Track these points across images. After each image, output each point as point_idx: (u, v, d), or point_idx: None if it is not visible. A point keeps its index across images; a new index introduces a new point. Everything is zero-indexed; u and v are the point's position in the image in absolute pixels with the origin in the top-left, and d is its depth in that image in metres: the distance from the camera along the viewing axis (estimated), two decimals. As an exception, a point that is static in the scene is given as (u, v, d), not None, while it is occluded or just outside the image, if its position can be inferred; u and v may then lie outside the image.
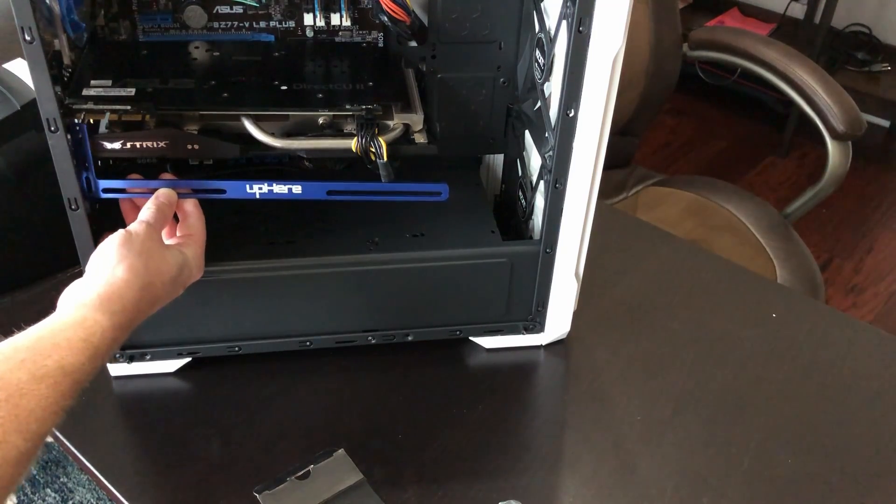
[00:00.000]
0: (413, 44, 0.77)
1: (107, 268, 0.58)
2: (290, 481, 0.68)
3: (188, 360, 0.78)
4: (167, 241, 0.66)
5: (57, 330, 0.53)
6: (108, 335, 0.55)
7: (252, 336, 0.78)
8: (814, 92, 1.28)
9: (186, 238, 0.67)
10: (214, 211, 0.80)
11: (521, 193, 0.82)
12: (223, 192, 0.68)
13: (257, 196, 0.67)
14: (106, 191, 0.67)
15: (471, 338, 0.83)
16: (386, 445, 0.73)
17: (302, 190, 0.67)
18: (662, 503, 0.70)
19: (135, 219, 0.64)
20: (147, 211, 0.65)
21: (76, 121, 0.63)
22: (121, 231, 0.61)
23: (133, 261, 0.59)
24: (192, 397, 0.77)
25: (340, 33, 0.79)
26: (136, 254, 0.59)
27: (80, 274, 0.64)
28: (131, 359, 0.77)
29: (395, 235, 0.78)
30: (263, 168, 0.85)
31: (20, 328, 0.53)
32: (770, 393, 0.80)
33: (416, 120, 0.73)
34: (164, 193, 0.67)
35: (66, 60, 0.67)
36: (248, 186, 0.67)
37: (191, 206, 0.69)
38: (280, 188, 0.67)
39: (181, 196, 0.68)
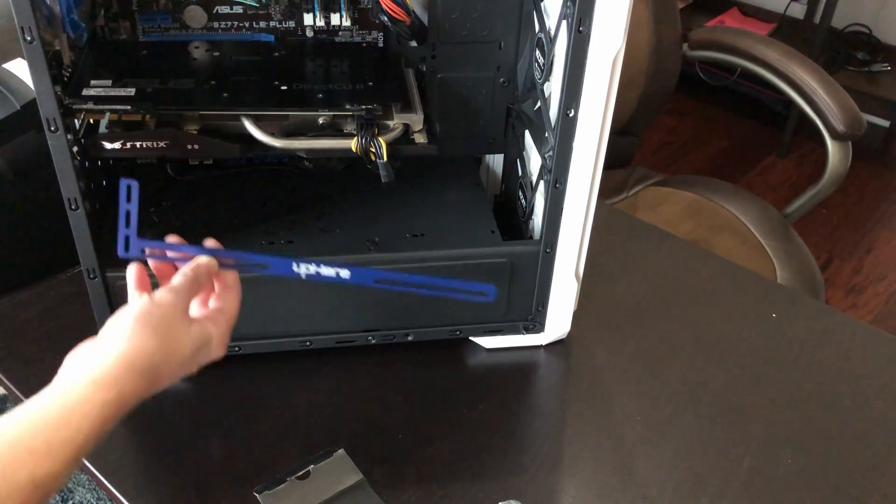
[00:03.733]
0: (413, 44, 0.77)
1: (113, 343, 0.53)
2: (290, 481, 0.68)
3: (188, 360, 0.78)
4: (197, 311, 0.61)
5: (39, 428, 0.48)
6: (95, 432, 0.50)
7: (252, 336, 0.78)
8: (814, 92, 1.28)
9: (217, 313, 0.61)
10: (214, 210, 0.80)
11: (521, 193, 0.82)
12: (267, 267, 0.62)
13: (302, 277, 0.62)
14: (145, 253, 0.60)
15: (471, 338, 0.83)
16: (386, 445, 0.73)
17: (350, 275, 0.63)
18: (662, 503, 0.70)
19: (167, 278, 0.60)
20: (180, 277, 0.58)
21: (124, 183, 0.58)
22: (144, 298, 0.56)
23: (144, 341, 0.53)
24: (192, 397, 0.77)
25: (340, 33, 0.79)
26: (152, 331, 0.54)
27: (80, 274, 0.64)
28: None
29: (395, 235, 0.78)
30: (263, 168, 0.86)
31: (22, 329, 0.52)
32: (770, 393, 0.80)
33: (416, 120, 0.73)
34: (204, 261, 0.60)
35: (66, 60, 0.67)
36: (294, 265, 0.61)
37: (231, 280, 0.62)
38: (328, 270, 0.62)
39: (223, 267, 0.62)
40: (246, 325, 0.77)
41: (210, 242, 0.62)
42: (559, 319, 0.82)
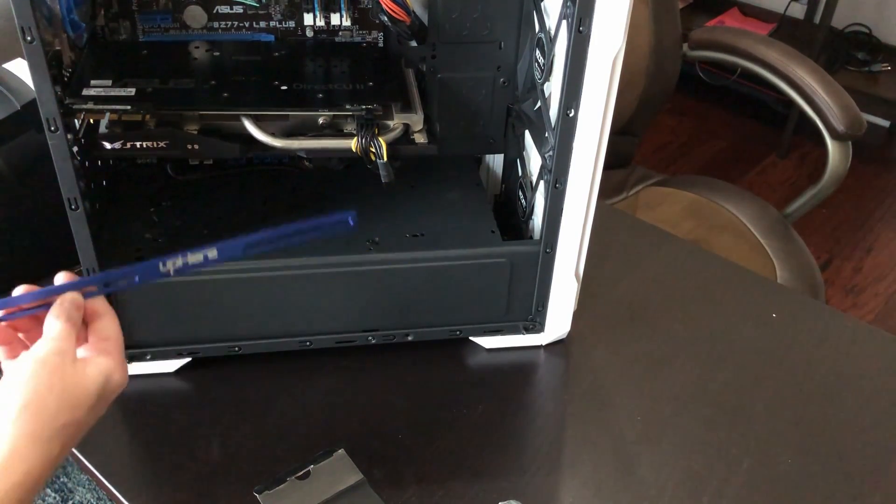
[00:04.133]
0: (413, 44, 0.77)
1: (8, 417, 0.47)
2: (290, 481, 0.68)
3: (188, 360, 0.78)
4: (82, 352, 0.54)
5: None
6: None
7: (252, 336, 0.78)
8: (814, 92, 1.28)
9: (104, 343, 0.55)
10: (214, 210, 0.80)
11: (521, 193, 0.82)
12: (133, 278, 0.57)
13: (171, 274, 0.57)
14: None
15: (471, 338, 0.83)
16: (386, 445, 0.73)
17: (217, 253, 0.58)
18: (662, 503, 0.70)
19: (33, 331, 0.53)
20: (55, 323, 0.52)
21: None
22: (25, 358, 0.50)
23: (42, 404, 0.48)
24: (192, 397, 0.77)
25: (340, 33, 0.79)
26: (47, 391, 0.49)
27: (79, 274, 0.64)
28: (131, 359, 0.77)
29: (395, 235, 0.78)
30: (263, 168, 0.86)
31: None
32: (770, 393, 0.80)
33: (416, 120, 0.73)
34: (67, 299, 0.53)
35: (66, 60, 0.67)
36: (160, 265, 0.56)
37: (101, 306, 0.56)
38: (195, 257, 0.57)
39: (87, 295, 0.55)
40: (246, 325, 0.77)
41: (61, 276, 0.56)
42: (559, 319, 0.82)
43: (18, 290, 0.54)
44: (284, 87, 0.71)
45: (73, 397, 0.50)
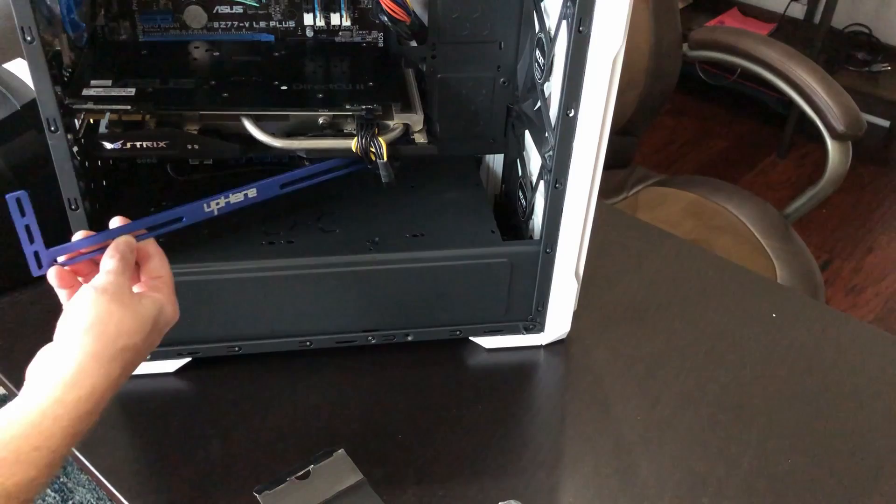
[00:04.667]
0: (413, 44, 0.77)
1: (74, 339, 0.52)
2: (290, 481, 0.68)
3: (188, 360, 0.78)
4: (136, 290, 0.59)
5: (5, 438, 0.47)
6: (70, 434, 0.49)
7: (252, 336, 0.78)
8: (814, 92, 1.28)
9: (155, 281, 0.60)
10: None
11: (521, 193, 0.82)
12: (180, 219, 0.63)
13: (215, 213, 0.63)
14: (57, 262, 0.59)
15: (471, 338, 0.83)
16: (386, 445, 0.73)
17: (257, 192, 0.64)
18: (662, 503, 0.70)
19: (92, 275, 0.58)
20: (110, 261, 0.57)
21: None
22: (86, 288, 0.54)
23: (104, 325, 0.53)
24: (192, 397, 0.77)
25: (340, 33, 0.79)
26: (114, 310, 0.53)
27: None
28: (131, 359, 0.77)
29: (395, 235, 0.78)
30: (263, 168, 0.85)
31: (22, 329, 0.52)
32: (770, 393, 0.80)
33: (416, 120, 0.73)
34: (122, 241, 0.59)
35: (66, 60, 0.67)
36: (205, 206, 0.62)
37: (152, 248, 0.61)
38: (236, 197, 0.63)
39: (138, 238, 0.61)
40: (246, 325, 0.77)
41: (116, 221, 0.61)
42: (559, 319, 0.82)
43: (77, 236, 0.59)
44: (284, 87, 0.71)
45: (131, 323, 0.54)
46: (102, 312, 0.53)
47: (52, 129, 0.62)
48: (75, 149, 0.65)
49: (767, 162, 2.41)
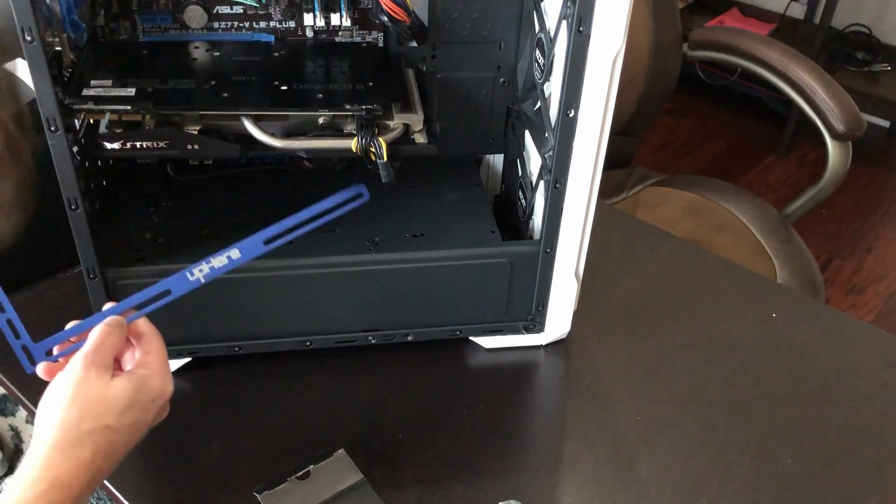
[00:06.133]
0: (413, 44, 0.77)
1: (39, 432, 0.53)
2: (290, 481, 0.68)
3: (188, 360, 0.78)
4: (128, 368, 0.59)
5: None
6: None
7: (252, 336, 0.78)
8: (814, 92, 1.28)
9: (145, 357, 0.59)
10: (214, 210, 0.80)
11: (521, 193, 0.82)
12: (168, 293, 0.61)
13: (202, 280, 0.61)
14: (50, 354, 0.59)
15: (471, 338, 0.83)
16: (386, 445, 0.73)
17: (241, 254, 0.62)
18: (662, 503, 0.70)
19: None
20: (86, 343, 0.57)
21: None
22: (59, 376, 0.55)
23: (65, 411, 0.53)
24: (192, 397, 0.77)
25: (340, 33, 0.79)
26: (69, 402, 0.53)
27: (80, 274, 0.64)
28: (131, 359, 0.77)
29: (395, 235, 0.78)
30: (263, 168, 0.86)
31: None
32: (770, 393, 0.80)
33: (416, 120, 0.73)
34: (108, 322, 0.59)
35: (66, 60, 0.67)
36: (188, 274, 0.60)
37: (142, 325, 0.61)
38: (219, 261, 0.61)
39: (129, 320, 0.60)
40: (246, 325, 0.77)
41: (105, 306, 0.60)
42: (559, 319, 0.82)
43: (69, 325, 0.59)
44: (284, 88, 0.71)
45: (97, 405, 0.54)
46: (64, 400, 0.53)
47: (52, 129, 0.62)
48: (75, 149, 0.65)
49: (767, 162, 2.41)
